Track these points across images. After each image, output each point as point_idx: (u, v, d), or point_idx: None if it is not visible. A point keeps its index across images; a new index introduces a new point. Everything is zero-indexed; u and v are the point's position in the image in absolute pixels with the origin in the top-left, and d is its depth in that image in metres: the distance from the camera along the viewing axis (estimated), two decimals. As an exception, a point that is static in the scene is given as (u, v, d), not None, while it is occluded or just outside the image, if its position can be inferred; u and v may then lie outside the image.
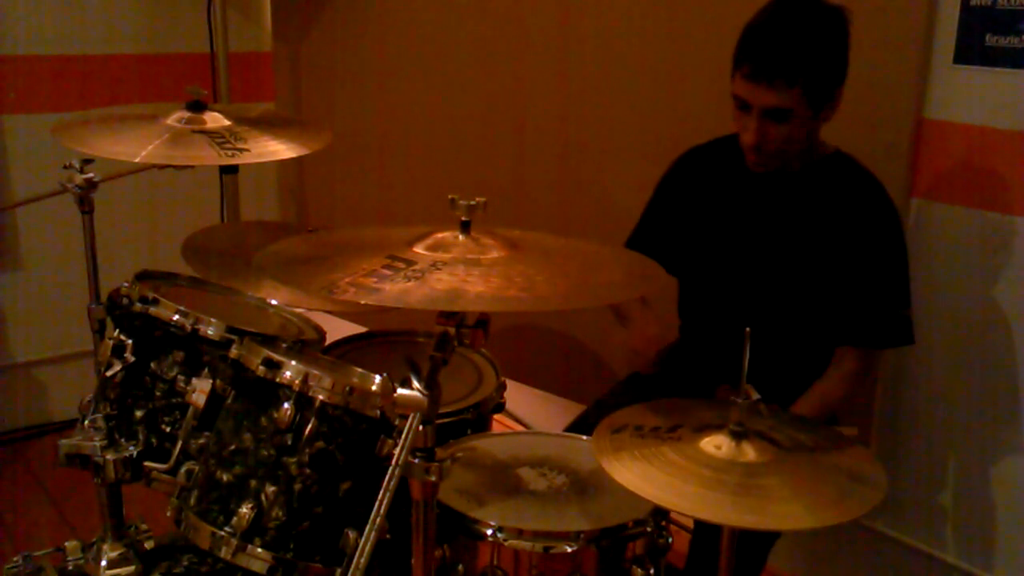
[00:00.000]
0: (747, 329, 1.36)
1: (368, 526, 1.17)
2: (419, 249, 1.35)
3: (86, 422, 1.72)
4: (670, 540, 1.53)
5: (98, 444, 1.68)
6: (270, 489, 1.46)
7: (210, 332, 1.67)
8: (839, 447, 1.47)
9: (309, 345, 1.78)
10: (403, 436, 1.21)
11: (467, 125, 2.91)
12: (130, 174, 2.03)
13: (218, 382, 1.62)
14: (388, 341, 2.19)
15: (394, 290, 1.23)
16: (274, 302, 1.99)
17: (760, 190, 1.89)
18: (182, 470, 1.60)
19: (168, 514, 1.57)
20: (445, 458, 1.28)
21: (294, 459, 1.46)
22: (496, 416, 1.97)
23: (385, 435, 1.46)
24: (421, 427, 1.24)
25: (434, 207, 1.42)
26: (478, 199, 1.36)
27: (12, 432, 3.13)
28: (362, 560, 1.18)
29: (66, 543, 1.88)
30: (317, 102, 3.44)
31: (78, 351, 3.10)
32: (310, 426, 1.46)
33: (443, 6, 2.90)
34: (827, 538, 2.33)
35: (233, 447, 1.50)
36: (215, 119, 1.94)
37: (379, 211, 3.29)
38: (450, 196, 1.36)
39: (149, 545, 1.84)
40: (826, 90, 1.73)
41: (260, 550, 1.45)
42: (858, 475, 1.38)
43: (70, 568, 1.85)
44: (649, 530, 1.50)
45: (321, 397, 1.46)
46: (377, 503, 1.17)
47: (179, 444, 1.63)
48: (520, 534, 1.46)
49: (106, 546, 1.82)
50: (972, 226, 1.97)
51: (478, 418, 1.87)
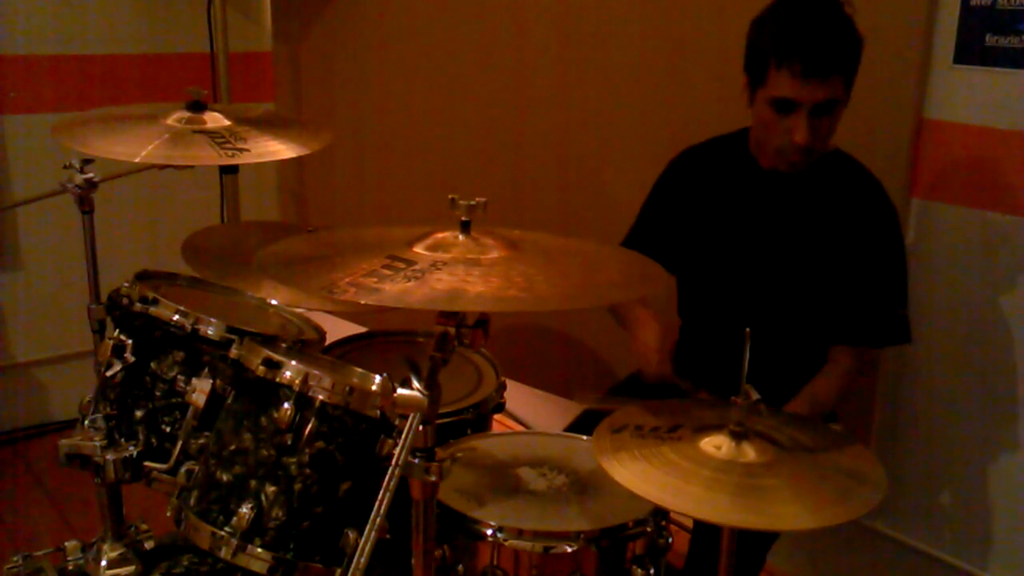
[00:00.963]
0: (747, 329, 1.36)
1: (368, 526, 1.17)
2: (419, 249, 1.35)
3: (86, 422, 1.72)
4: (670, 540, 1.53)
5: (98, 444, 1.68)
6: (270, 489, 1.46)
7: (210, 332, 1.67)
8: (839, 447, 1.47)
9: (309, 345, 1.78)
10: (403, 436, 1.21)
11: (467, 125, 2.91)
12: (130, 174, 2.02)
13: (218, 382, 1.62)
14: (388, 341, 2.19)
15: (394, 290, 1.23)
16: (274, 302, 1.98)
17: (759, 189, 1.89)
18: (182, 470, 1.60)
19: (168, 514, 1.57)
20: (445, 458, 1.27)
21: (294, 459, 1.46)
22: (496, 416, 1.97)
23: (385, 435, 1.46)
24: (421, 427, 1.23)
25: (434, 207, 1.42)
26: (478, 199, 1.35)
27: (12, 432, 3.13)
28: (362, 560, 1.18)
29: (66, 543, 1.88)
30: (317, 102, 3.44)
31: (78, 351, 3.10)
32: (310, 426, 1.46)
33: (443, 6, 2.90)
34: (827, 538, 2.33)
35: (233, 447, 1.50)
36: (215, 119, 1.94)
37: (379, 211, 3.29)
38: (450, 196, 1.36)
39: (149, 545, 1.84)
40: (855, 75, 1.73)
41: (260, 550, 1.45)
42: (858, 475, 1.38)
43: (70, 568, 1.85)
44: (649, 530, 1.50)
45: (321, 397, 1.46)
46: (377, 503, 1.17)
47: (179, 444, 1.63)
48: (520, 534, 1.46)
49: (106, 546, 1.82)
50: (972, 226, 1.97)
51: (478, 418, 1.87)
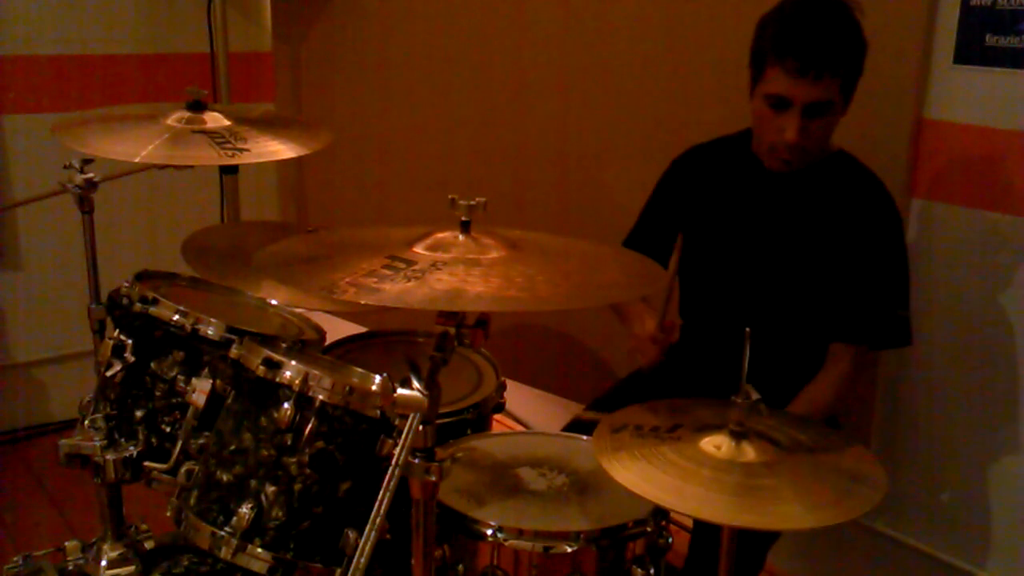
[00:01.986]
0: (747, 329, 1.36)
1: (368, 526, 1.17)
2: (419, 249, 1.35)
3: (86, 422, 1.72)
4: (670, 540, 1.53)
5: (98, 444, 1.68)
6: (270, 489, 1.46)
7: (210, 332, 1.67)
8: (839, 447, 1.47)
9: (309, 345, 1.78)
10: (403, 436, 1.21)
11: (467, 125, 2.91)
12: (130, 174, 2.03)
13: (218, 382, 1.62)
14: (388, 341, 2.19)
15: (394, 290, 1.23)
16: (274, 302, 1.98)
17: (764, 189, 1.89)
18: (182, 470, 1.60)
19: (168, 514, 1.57)
20: (445, 458, 1.27)
21: (294, 459, 1.46)
22: (496, 416, 1.97)
23: (385, 435, 1.46)
24: (421, 427, 1.23)
25: (434, 207, 1.42)
26: (478, 199, 1.35)
27: (12, 432, 3.13)
28: (362, 560, 1.18)
29: (66, 543, 1.89)
30: (317, 102, 3.44)
31: (78, 351, 3.10)
32: (310, 426, 1.46)
33: (443, 6, 2.90)
34: (827, 538, 2.33)
35: (233, 447, 1.50)
36: (215, 119, 1.94)
37: (379, 211, 3.29)
38: (450, 196, 1.36)
39: (149, 545, 1.85)
40: (855, 82, 1.73)
41: (260, 550, 1.45)
42: (858, 475, 1.38)
43: (70, 568, 1.86)
44: (649, 530, 1.50)
45: (321, 397, 1.46)
46: (377, 503, 1.17)
47: (179, 444, 1.63)
48: (520, 534, 1.46)
49: (106, 546, 1.83)
50: (972, 226, 1.97)
51: (478, 418, 1.87)
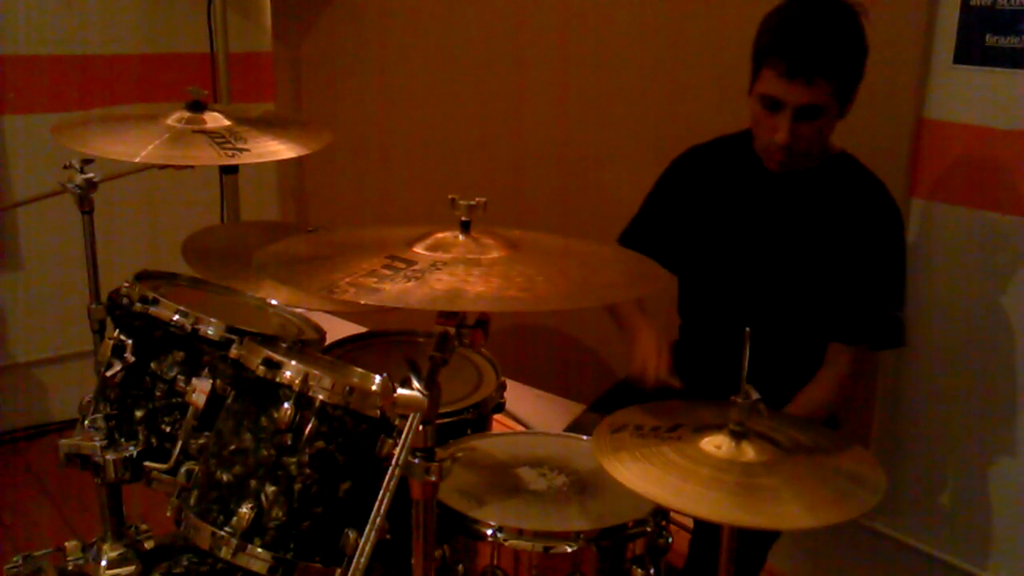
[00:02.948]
0: (747, 329, 1.36)
1: (368, 526, 1.17)
2: (419, 249, 1.35)
3: (86, 422, 1.72)
4: (670, 540, 1.53)
5: (98, 444, 1.68)
6: (270, 489, 1.46)
7: (210, 332, 1.67)
8: (838, 447, 1.47)
9: (309, 345, 1.78)
10: (403, 436, 1.21)
11: (467, 125, 2.91)
12: (130, 174, 2.03)
13: (218, 382, 1.62)
14: (388, 341, 2.19)
15: (394, 290, 1.23)
16: (274, 302, 1.98)
17: (764, 189, 1.89)
18: (182, 470, 1.60)
19: (168, 514, 1.57)
20: (445, 458, 1.28)
21: (294, 459, 1.46)
22: (496, 416, 1.97)
23: (385, 435, 1.46)
24: (421, 427, 1.24)
25: (434, 207, 1.42)
26: (478, 199, 1.36)
27: (12, 432, 3.12)
28: (362, 560, 1.18)
29: (66, 543, 1.89)
30: (317, 102, 3.44)
31: (78, 351, 3.09)
32: (310, 426, 1.46)
33: (443, 6, 2.90)
34: (827, 538, 2.33)
35: (233, 447, 1.50)
36: (215, 119, 1.94)
37: (379, 211, 3.29)
38: (450, 196, 1.36)
39: (149, 545, 1.85)
40: (853, 87, 1.73)
41: (260, 550, 1.45)
42: (858, 475, 1.38)
43: (70, 568, 1.86)
44: (649, 530, 1.50)
45: (321, 397, 1.46)
46: (377, 503, 1.17)
47: (179, 444, 1.63)
48: (520, 534, 1.46)
49: (106, 546, 1.83)
50: (972, 226, 1.97)
51: (478, 418, 1.87)
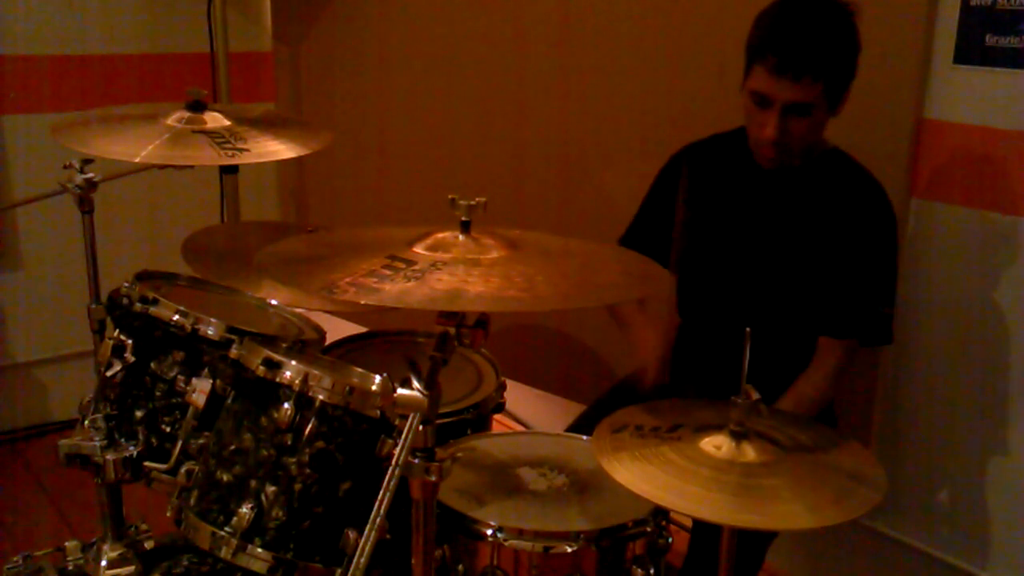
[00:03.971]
0: (747, 329, 1.36)
1: (368, 526, 1.17)
2: (419, 249, 1.35)
3: (86, 422, 1.72)
4: (670, 540, 1.53)
5: (98, 444, 1.68)
6: (270, 489, 1.46)
7: (210, 332, 1.67)
8: (839, 447, 1.47)
9: (309, 345, 1.78)
10: (403, 436, 1.21)
11: (467, 125, 2.91)
12: (130, 174, 2.03)
13: (218, 382, 1.62)
14: (388, 341, 2.19)
15: (394, 290, 1.23)
16: (274, 302, 1.98)
17: (758, 186, 1.89)
18: (182, 470, 1.60)
19: (168, 514, 1.57)
20: (445, 458, 1.27)
21: (294, 459, 1.46)
22: (496, 416, 1.97)
23: (385, 435, 1.46)
24: (421, 427, 1.23)
25: (434, 207, 1.42)
26: (478, 199, 1.36)
27: (12, 432, 3.13)
28: (362, 560, 1.18)
29: (66, 543, 1.89)
30: (317, 102, 3.44)
31: (78, 351, 3.10)
32: (310, 426, 1.46)
33: (443, 6, 2.90)
34: (827, 538, 2.33)
35: (233, 447, 1.50)
36: (215, 119, 1.94)
37: (379, 211, 3.29)
38: (450, 196, 1.36)
39: (149, 545, 1.84)
40: (844, 86, 1.74)
41: (260, 550, 1.45)
42: (858, 475, 1.38)
43: (70, 568, 1.86)
44: (649, 530, 1.50)
45: (321, 397, 1.46)
46: (377, 503, 1.17)
47: (179, 444, 1.63)
48: (520, 534, 1.46)
49: (106, 546, 1.82)
50: (972, 226, 1.97)
51: (478, 418, 1.87)
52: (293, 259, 1.46)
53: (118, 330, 1.72)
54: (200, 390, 1.62)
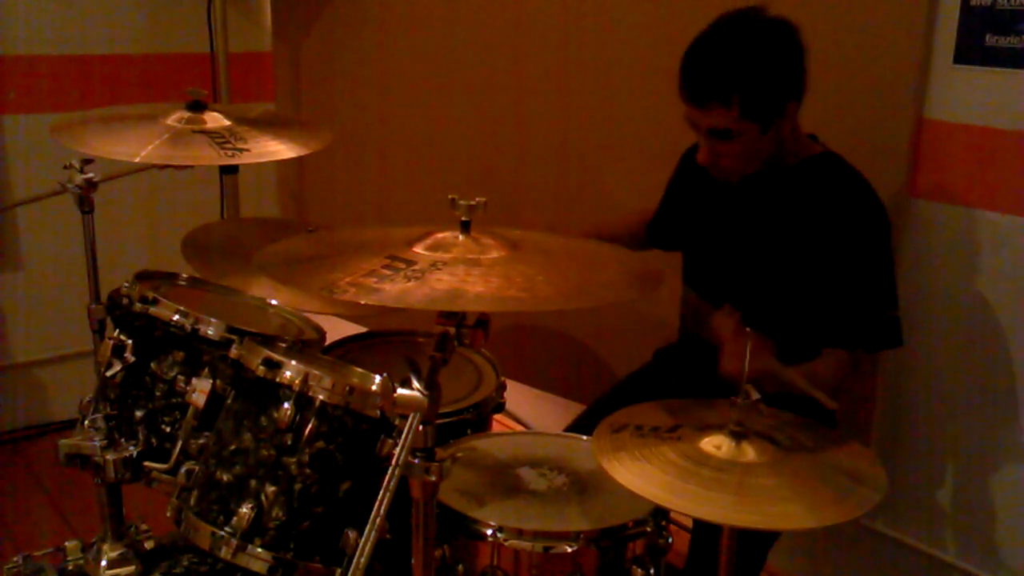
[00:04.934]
0: (748, 329, 1.36)
1: (368, 526, 1.17)
2: (419, 249, 1.35)
3: (86, 422, 1.72)
4: (670, 540, 1.53)
5: (98, 444, 1.68)
6: (270, 489, 1.46)
7: (210, 332, 1.67)
8: (839, 447, 1.47)
9: (309, 345, 1.78)
10: (403, 436, 1.21)
11: (467, 125, 2.91)
12: (130, 174, 2.03)
13: (218, 382, 1.62)
14: (388, 341, 2.19)
15: (394, 290, 1.23)
16: (274, 302, 1.98)
17: (748, 190, 1.88)
18: (182, 470, 1.60)
19: (168, 514, 1.57)
20: (445, 458, 1.28)
21: (294, 459, 1.46)
22: (496, 416, 1.97)
23: (385, 435, 1.46)
24: (421, 427, 1.24)
25: (434, 207, 1.42)
26: (478, 199, 1.36)
27: (12, 432, 3.13)
28: (362, 560, 1.18)
29: (66, 543, 1.89)
30: (317, 102, 3.44)
31: (78, 351, 3.10)
32: (310, 426, 1.46)
33: (443, 6, 2.90)
34: (827, 538, 2.33)
35: (233, 447, 1.50)
36: (215, 119, 1.94)
37: (379, 211, 3.29)
38: (450, 196, 1.36)
39: (149, 545, 1.84)
40: (770, 105, 1.70)
41: (260, 550, 1.45)
42: (858, 475, 1.38)
43: (70, 568, 1.86)
44: (649, 530, 1.50)
45: (321, 397, 1.46)
46: (377, 503, 1.17)
47: (179, 444, 1.63)
48: (520, 534, 1.46)
49: (106, 546, 1.82)
50: (972, 226, 1.97)
51: (478, 418, 1.87)
52: (293, 259, 1.46)
53: (118, 330, 1.72)
54: (200, 390, 1.62)
